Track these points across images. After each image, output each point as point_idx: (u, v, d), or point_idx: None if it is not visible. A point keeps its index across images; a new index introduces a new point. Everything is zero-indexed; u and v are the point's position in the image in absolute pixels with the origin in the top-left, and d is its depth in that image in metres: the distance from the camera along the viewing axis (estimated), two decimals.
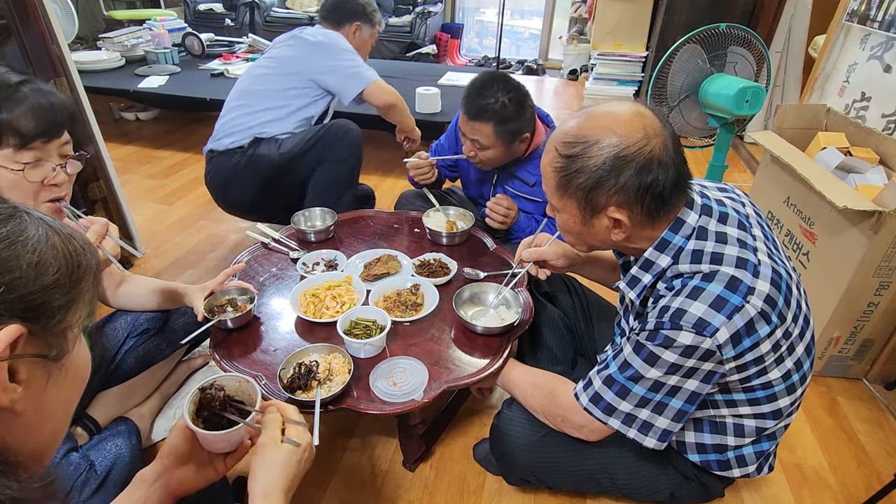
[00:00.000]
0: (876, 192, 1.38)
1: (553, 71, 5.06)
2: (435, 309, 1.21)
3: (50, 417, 0.41)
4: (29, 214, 0.41)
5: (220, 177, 1.81)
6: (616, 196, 0.80)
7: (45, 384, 0.40)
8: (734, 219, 0.86)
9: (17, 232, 0.38)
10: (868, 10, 1.97)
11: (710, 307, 0.76)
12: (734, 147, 3.21)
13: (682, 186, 0.81)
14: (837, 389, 1.51)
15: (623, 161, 0.77)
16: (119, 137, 3.14)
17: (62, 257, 0.40)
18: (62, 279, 0.40)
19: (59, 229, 0.42)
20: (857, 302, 1.39)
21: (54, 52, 1.60)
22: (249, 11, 4.54)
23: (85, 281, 0.42)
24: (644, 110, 0.81)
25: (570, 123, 0.84)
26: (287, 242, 1.46)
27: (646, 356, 0.82)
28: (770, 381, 0.85)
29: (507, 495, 1.19)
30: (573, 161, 0.81)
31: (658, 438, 0.87)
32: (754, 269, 0.79)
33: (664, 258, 0.85)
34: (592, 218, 0.84)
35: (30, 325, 0.37)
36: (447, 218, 1.57)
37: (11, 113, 0.84)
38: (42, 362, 0.39)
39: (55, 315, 0.39)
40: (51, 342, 0.40)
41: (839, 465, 1.28)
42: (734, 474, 0.97)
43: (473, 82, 1.38)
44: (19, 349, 0.36)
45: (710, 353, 0.78)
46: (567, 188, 0.83)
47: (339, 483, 1.21)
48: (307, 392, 0.98)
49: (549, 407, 0.98)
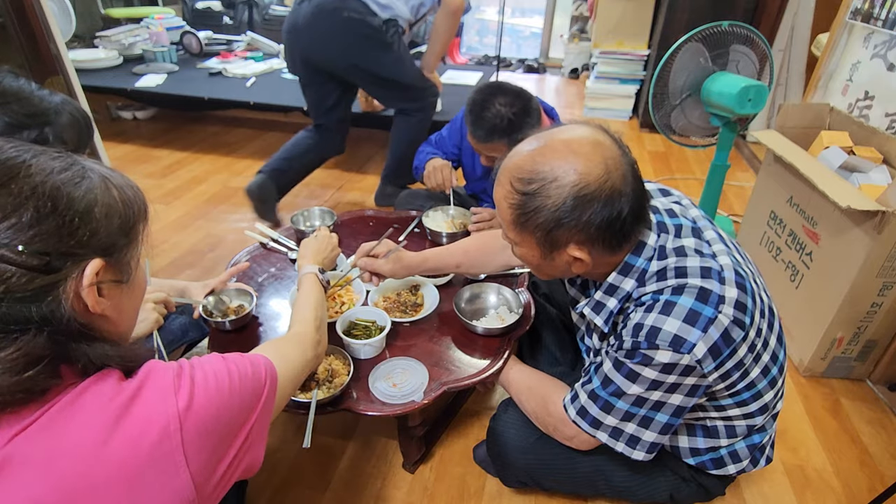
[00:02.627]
0: (879, 191, 1.37)
1: (554, 69, 5.04)
2: (435, 309, 1.20)
3: (126, 316, 0.58)
4: (92, 171, 0.53)
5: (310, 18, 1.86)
6: (577, 234, 0.75)
7: (120, 296, 0.55)
8: (687, 228, 0.85)
9: (90, 189, 0.51)
10: (871, 9, 1.96)
11: (685, 322, 0.75)
12: (736, 146, 3.20)
13: (642, 216, 0.78)
14: (841, 391, 1.50)
15: (584, 200, 0.72)
16: (116, 136, 3.12)
17: (121, 206, 0.54)
18: (123, 223, 0.54)
19: (114, 180, 0.54)
20: (860, 302, 1.38)
21: (51, 50, 1.58)
22: (248, 9, 4.51)
23: (139, 220, 0.56)
24: (602, 138, 0.76)
25: (524, 152, 0.77)
26: (286, 242, 1.45)
27: (626, 373, 0.81)
28: (753, 381, 0.85)
29: (506, 497, 1.18)
30: (530, 199, 0.74)
31: (646, 451, 0.87)
32: (719, 276, 0.78)
33: (629, 282, 0.83)
34: (552, 253, 0.80)
35: (106, 258, 0.51)
36: (447, 218, 1.56)
37: (59, 130, 0.90)
38: (117, 284, 0.54)
39: (122, 250, 0.54)
40: (122, 269, 0.55)
41: (842, 467, 1.27)
42: (730, 471, 0.98)
43: (473, 102, 1.32)
44: (100, 276, 0.51)
45: (691, 369, 0.77)
46: (525, 226, 0.78)
47: (338, 484, 1.20)
48: (306, 393, 0.97)
49: (541, 414, 0.98)
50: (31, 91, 0.88)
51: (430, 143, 1.74)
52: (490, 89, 1.33)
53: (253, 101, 2.74)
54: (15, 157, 0.48)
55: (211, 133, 3.25)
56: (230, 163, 2.86)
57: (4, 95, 0.84)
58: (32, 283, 0.46)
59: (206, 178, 2.69)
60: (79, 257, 0.49)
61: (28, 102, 0.86)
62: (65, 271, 0.48)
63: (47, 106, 0.88)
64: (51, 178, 0.48)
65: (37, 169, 0.48)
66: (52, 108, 0.89)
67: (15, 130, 0.84)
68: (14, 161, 0.48)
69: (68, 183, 0.49)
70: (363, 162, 2.93)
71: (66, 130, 0.90)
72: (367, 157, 3.00)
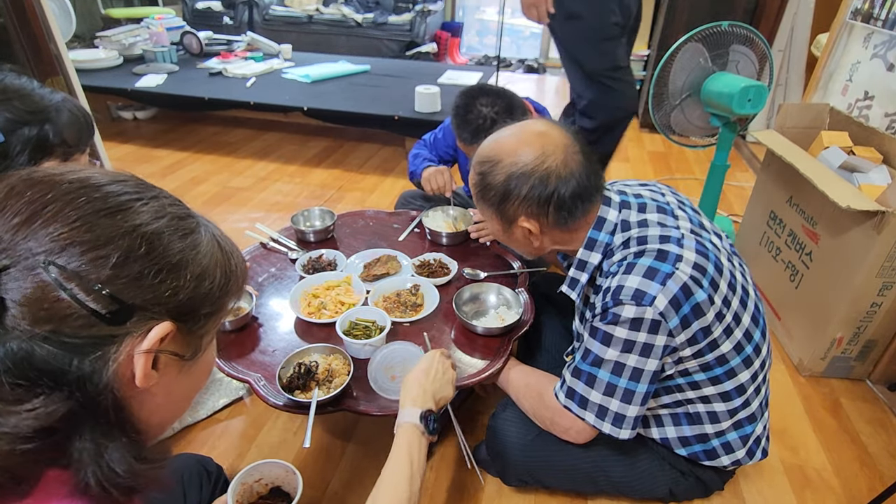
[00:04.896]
0: (879, 191, 1.37)
1: (554, 69, 5.04)
2: (435, 309, 1.20)
3: (174, 401, 0.48)
4: (206, 228, 0.46)
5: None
6: (521, 208, 0.89)
7: (176, 375, 0.46)
8: (653, 206, 0.93)
9: (193, 245, 0.44)
10: (871, 9, 1.96)
11: (644, 277, 0.82)
12: (736, 146, 3.19)
13: (585, 196, 0.88)
14: (840, 390, 1.50)
15: (521, 177, 0.87)
16: (117, 137, 3.12)
17: (220, 272, 0.46)
18: (214, 291, 0.45)
19: (223, 244, 0.48)
20: (860, 302, 1.38)
21: (52, 50, 1.59)
22: (248, 10, 4.52)
23: (231, 295, 0.48)
24: (549, 129, 0.89)
25: (487, 142, 0.94)
26: (286, 242, 1.45)
27: (601, 337, 0.87)
28: (724, 356, 0.89)
29: (506, 496, 1.18)
30: (484, 178, 0.91)
31: (631, 428, 0.90)
32: (678, 241, 0.86)
33: (595, 255, 0.93)
34: (511, 227, 0.93)
35: (178, 324, 0.42)
36: (447, 218, 1.56)
37: (60, 127, 0.89)
38: (178, 360, 0.45)
39: (200, 320, 0.45)
40: (190, 342, 0.45)
41: (842, 467, 1.27)
42: (723, 462, 0.99)
43: (457, 106, 1.37)
44: (165, 343, 0.42)
45: (657, 324, 0.82)
46: (483, 201, 0.93)
47: (338, 484, 1.20)
48: (306, 393, 0.97)
49: (538, 409, 0.99)
50: (33, 89, 0.88)
51: (423, 143, 1.74)
52: (472, 92, 1.36)
53: (253, 102, 2.74)
54: (131, 194, 0.42)
55: (211, 133, 3.25)
56: (230, 163, 2.86)
57: (6, 92, 0.85)
58: (89, 329, 0.38)
59: (206, 178, 2.69)
60: (149, 314, 0.40)
61: (30, 99, 0.87)
62: (129, 325, 0.39)
63: (48, 103, 0.89)
64: (157, 223, 0.42)
65: (148, 209, 0.42)
66: (53, 105, 0.89)
67: (16, 126, 0.84)
68: (128, 198, 0.41)
69: (173, 231, 0.43)
70: (363, 161, 2.93)
71: (66, 128, 0.90)
72: (367, 156, 3.00)
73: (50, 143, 0.88)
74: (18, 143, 0.84)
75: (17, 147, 0.84)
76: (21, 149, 0.85)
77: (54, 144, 0.88)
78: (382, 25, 4.41)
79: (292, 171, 2.79)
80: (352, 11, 4.48)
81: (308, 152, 3.02)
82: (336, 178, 2.72)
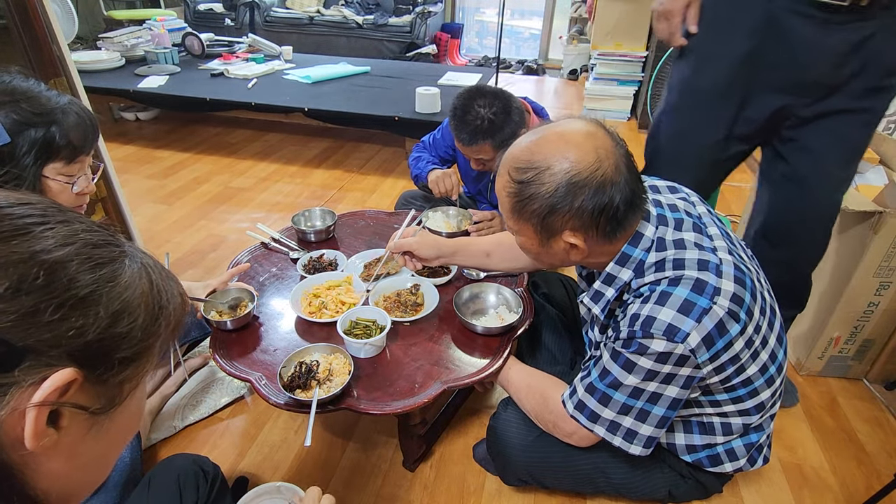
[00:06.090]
0: (876, 191, 1.38)
1: (553, 71, 5.05)
2: (435, 309, 1.21)
3: (82, 469, 0.38)
4: (133, 258, 0.39)
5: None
6: (571, 221, 0.78)
7: (83, 434, 0.36)
8: (689, 223, 0.86)
9: (111, 277, 0.36)
10: None
11: (679, 312, 0.77)
12: None
13: (636, 204, 0.80)
14: (837, 390, 1.51)
15: (576, 186, 0.76)
16: (119, 137, 3.14)
17: (145, 309, 0.38)
18: (135, 331, 0.37)
19: (155, 277, 0.39)
20: (857, 302, 1.39)
21: (54, 52, 1.59)
22: (249, 11, 4.53)
23: (159, 336, 0.39)
24: (595, 129, 0.79)
25: (522, 144, 0.81)
26: (287, 242, 1.46)
27: (623, 363, 0.83)
28: (749, 378, 0.86)
29: (506, 496, 1.19)
30: (526, 187, 0.79)
31: (643, 446, 0.88)
32: (717, 269, 0.79)
33: (626, 272, 0.85)
34: (549, 241, 0.83)
35: (85, 371, 0.34)
36: (447, 218, 1.57)
37: (66, 129, 0.90)
38: (87, 414, 0.36)
39: (115, 367, 0.36)
40: (100, 393, 0.36)
41: (839, 466, 1.28)
42: (726, 469, 0.99)
43: (454, 108, 1.38)
44: (69, 396, 0.34)
45: (685, 358, 0.78)
46: (522, 213, 0.81)
47: (338, 483, 1.20)
48: (306, 392, 0.98)
49: (541, 411, 0.99)
50: (40, 91, 0.90)
51: (422, 145, 1.75)
52: (469, 93, 1.37)
53: (254, 103, 2.76)
54: (35, 217, 0.35)
55: (213, 134, 3.26)
56: (232, 163, 2.87)
57: (14, 93, 0.86)
58: None
59: (207, 178, 2.70)
60: (45, 359, 0.32)
61: (37, 101, 0.88)
62: (17, 373, 0.31)
63: (55, 105, 0.90)
64: (63, 250, 0.34)
65: (53, 234, 0.35)
66: (60, 107, 0.90)
67: (23, 128, 0.85)
68: (30, 221, 0.35)
69: (84, 261, 0.35)
70: (363, 162, 2.94)
71: (72, 130, 0.91)
72: (367, 157, 3.01)
73: (56, 145, 0.89)
74: (25, 145, 0.85)
75: (24, 148, 0.85)
76: (27, 150, 0.86)
77: (60, 146, 0.90)
78: (383, 27, 4.42)
79: (293, 171, 2.81)
80: (352, 13, 4.50)
81: (309, 153, 3.04)
82: (337, 179, 2.73)
